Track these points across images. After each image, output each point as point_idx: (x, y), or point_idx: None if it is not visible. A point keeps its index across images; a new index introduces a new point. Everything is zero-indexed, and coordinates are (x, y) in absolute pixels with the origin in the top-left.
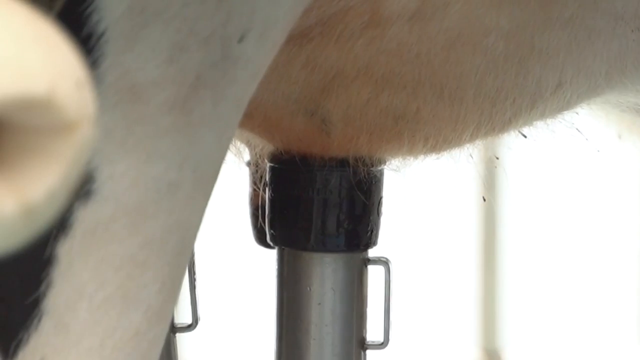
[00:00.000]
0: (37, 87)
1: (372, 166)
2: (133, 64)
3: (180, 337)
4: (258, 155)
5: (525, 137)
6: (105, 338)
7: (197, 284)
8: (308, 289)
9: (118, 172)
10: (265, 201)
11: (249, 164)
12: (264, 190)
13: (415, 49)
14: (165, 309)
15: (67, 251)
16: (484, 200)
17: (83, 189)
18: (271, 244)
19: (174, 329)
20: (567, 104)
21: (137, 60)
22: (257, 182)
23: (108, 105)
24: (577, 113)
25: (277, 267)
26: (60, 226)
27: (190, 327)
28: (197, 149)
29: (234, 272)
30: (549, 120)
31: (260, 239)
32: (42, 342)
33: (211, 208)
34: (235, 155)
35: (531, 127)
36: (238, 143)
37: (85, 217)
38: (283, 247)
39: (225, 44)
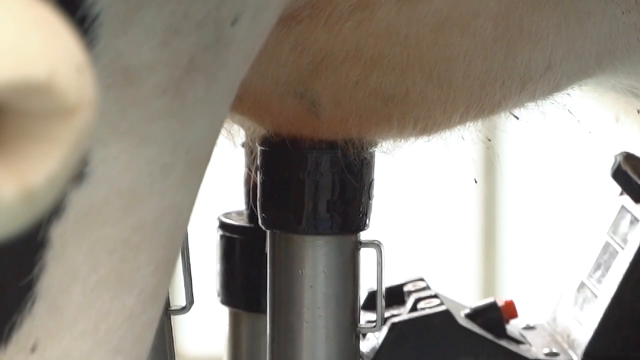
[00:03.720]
0: (37, 72)
1: (363, 149)
2: (127, 47)
3: (175, 319)
4: (250, 138)
5: (517, 118)
6: (98, 321)
7: (192, 266)
8: (300, 272)
9: (111, 155)
10: (257, 184)
11: (244, 145)
12: (257, 173)
13: (404, 31)
14: (159, 291)
15: (60, 234)
16: (475, 182)
17: (76, 171)
18: (263, 227)
19: (168, 311)
20: (557, 86)
21: (131, 43)
22: (251, 164)
23: (101, 88)
24: (569, 95)
25: (268, 250)
26: (53, 209)
27: (184, 309)
28: (190, 131)
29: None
30: (540, 102)
31: (253, 220)
32: (35, 325)
33: (206, 190)
34: (227, 137)
35: (522, 109)
36: (231, 125)
37: (78, 200)
38: (275, 230)
39: (219, 27)
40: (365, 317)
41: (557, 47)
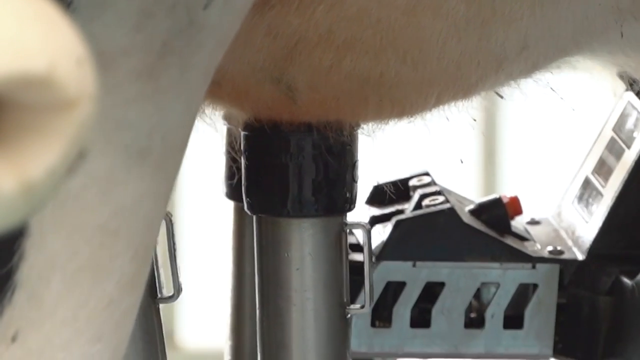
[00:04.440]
0: (37, 65)
1: (343, 131)
2: (101, 32)
3: (175, 311)
4: (236, 123)
5: (502, 97)
6: (78, 308)
7: (178, 254)
8: (286, 255)
9: (87, 140)
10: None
11: (226, 120)
12: (232, 154)
13: (376, 14)
14: (138, 277)
15: (38, 222)
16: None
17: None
18: (249, 212)
19: (156, 301)
20: (534, 65)
21: (105, 28)
22: (233, 149)
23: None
24: (551, 73)
25: (255, 235)
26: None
27: (172, 298)
28: (165, 116)
29: (216, 240)
30: (521, 82)
31: (231, 196)
32: (16, 315)
33: (192, 177)
34: (210, 125)
35: (506, 88)
36: (211, 111)
37: None
38: (260, 214)
39: (191, 11)
40: (371, 211)
41: (532, 27)
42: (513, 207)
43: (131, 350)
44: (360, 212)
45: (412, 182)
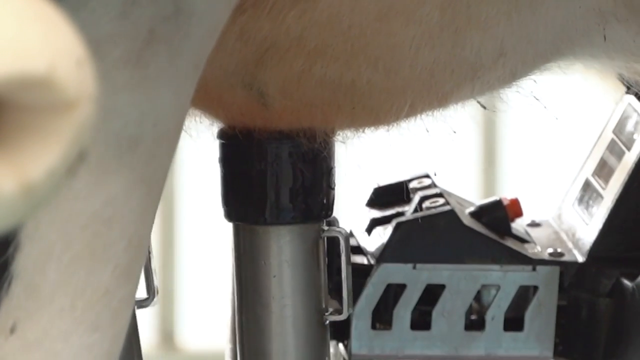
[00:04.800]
0: (37, 66)
1: (318, 138)
2: (87, 20)
3: (176, 313)
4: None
5: (485, 108)
6: (75, 298)
7: (152, 256)
8: (263, 262)
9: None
10: None
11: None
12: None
13: (347, 20)
14: (134, 267)
15: None
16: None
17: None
18: (227, 220)
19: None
20: (513, 73)
21: (91, 15)
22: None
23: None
24: (534, 81)
25: (233, 243)
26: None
27: (147, 301)
28: (155, 104)
29: (215, 241)
30: (503, 91)
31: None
32: (13, 306)
33: (192, 178)
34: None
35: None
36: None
37: None
38: (237, 222)
39: None
40: (371, 213)
41: (509, 34)
42: (513, 209)
43: None
44: (361, 214)
45: (412, 185)
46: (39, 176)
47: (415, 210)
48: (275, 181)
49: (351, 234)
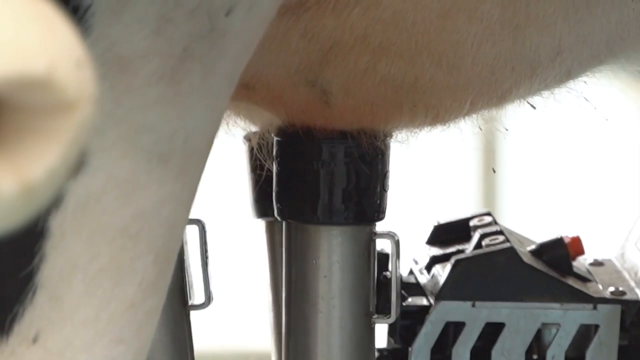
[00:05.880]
0: (36, 66)
1: (377, 139)
2: (120, 36)
3: (194, 315)
4: (261, 130)
5: (534, 108)
6: (100, 310)
7: (209, 261)
8: (314, 262)
9: (108, 144)
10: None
11: (246, 137)
12: (256, 165)
13: (411, 17)
14: (160, 280)
15: (59, 224)
16: (494, 172)
17: (75, 163)
18: (278, 218)
19: (187, 308)
20: (568, 72)
21: (124, 32)
22: (257, 155)
23: (96, 77)
24: (584, 82)
25: (284, 241)
26: (52, 199)
27: (203, 305)
28: (187, 120)
29: (244, 249)
30: (555, 91)
31: (258, 210)
32: (37, 316)
33: (218, 186)
34: (226, 132)
35: (538, 98)
36: (230, 118)
37: (76, 190)
38: (290, 220)
39: (213, 17)
40: (431, 251)
41: (566, 32)
42: (575, 247)
43: (161, 357)
44: (421, 252)
45: (472, 222)
46: (39, 176)
47: (475, 248)
48: (328, 181)
49: (410, 272)
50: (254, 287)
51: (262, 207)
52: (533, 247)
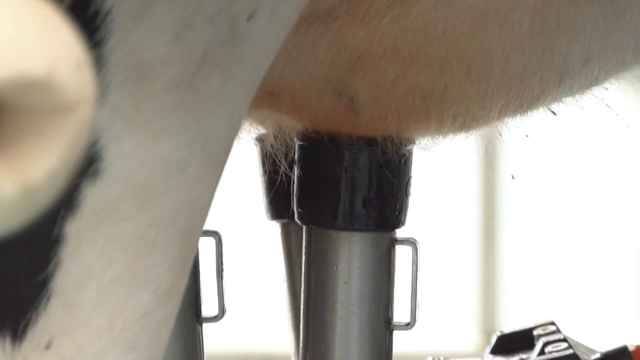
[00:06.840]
0: (36, 68)
1: (401, 145)
2: (139, 42)
3: (207, 328)
4: (284, 133)
5: (554, 114)
6: (113, 317)
7: (224, 274)
8: (335, 267)
9: (126, 150)
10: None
11: (258, 140)
12: (268, 168)
13: (442, 26)
14: (175, 288)
15: (75, 230)
16: (513, 178)
17: (91, 167)
18: (299, 222)
19: (200, 320)
20: (595, 80)
21: (144, 38)
22: (269, 160)
23: (115, 84)
24: (606, 89)
25: (304, 245)
26: (68, 205)
27: (216, 318)
28: (206, 127)
29: (258, 256)
30: (578, 97)
31: (272, 213)
32: (50, 322)
33: (235, 195)
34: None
35: (560, 104)
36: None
37: (93, 196)
38: (310, 225)
39: (233, 22)
40: None
41: (595, 40)
42: (639, 355)
43: None
44: None
45: (536, 332)
46: (39, 178)
47: (538, 355)
48: (350, 187)
49: None
50: (265, 295)
51: (277, 208)
52: (597, 355)
